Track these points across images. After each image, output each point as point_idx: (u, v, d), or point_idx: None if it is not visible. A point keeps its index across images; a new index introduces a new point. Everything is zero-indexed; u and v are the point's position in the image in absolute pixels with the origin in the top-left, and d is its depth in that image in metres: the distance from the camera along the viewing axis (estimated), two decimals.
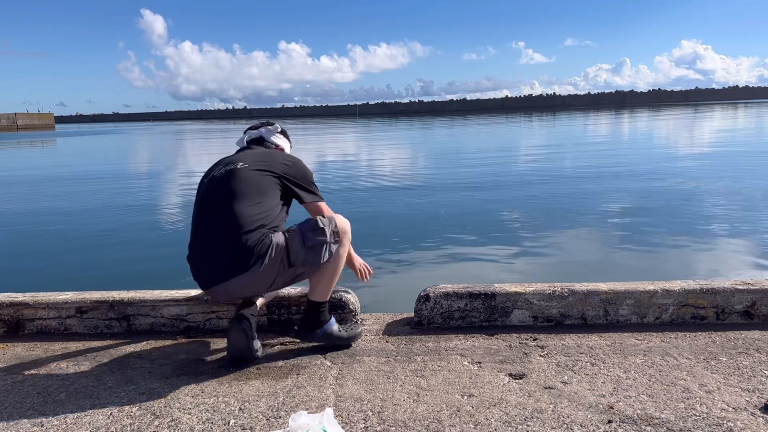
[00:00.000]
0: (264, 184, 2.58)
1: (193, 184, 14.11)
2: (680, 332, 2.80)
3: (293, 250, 2.50)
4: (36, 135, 64.47)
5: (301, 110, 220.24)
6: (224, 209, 2.49)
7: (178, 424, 2.09)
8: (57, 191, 13.53)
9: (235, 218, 2.46)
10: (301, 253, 2.52)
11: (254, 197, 2.52)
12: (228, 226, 2.46)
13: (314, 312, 2.69)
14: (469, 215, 8.76)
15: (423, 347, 2.73)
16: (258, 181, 2.57)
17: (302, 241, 2.52)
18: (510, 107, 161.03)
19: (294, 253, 2.50)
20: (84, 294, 3.11)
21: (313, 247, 2.53)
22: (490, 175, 13.55)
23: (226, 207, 2.49)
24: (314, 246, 2.53)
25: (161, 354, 2.75)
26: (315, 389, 2.33)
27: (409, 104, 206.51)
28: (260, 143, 2.88)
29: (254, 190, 2.54)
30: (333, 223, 2.62)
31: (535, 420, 2.04)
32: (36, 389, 2.40)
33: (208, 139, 43.34)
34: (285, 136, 2.99)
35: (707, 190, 10.29)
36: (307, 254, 2.53)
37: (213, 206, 2.55)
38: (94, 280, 5.90)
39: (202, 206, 2.61)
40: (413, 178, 13.74)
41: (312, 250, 2.53)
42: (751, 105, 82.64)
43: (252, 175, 2.58)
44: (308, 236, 2.54)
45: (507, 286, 3.03)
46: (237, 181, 2.55)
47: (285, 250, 2.49)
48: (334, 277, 2.69)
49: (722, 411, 2.06)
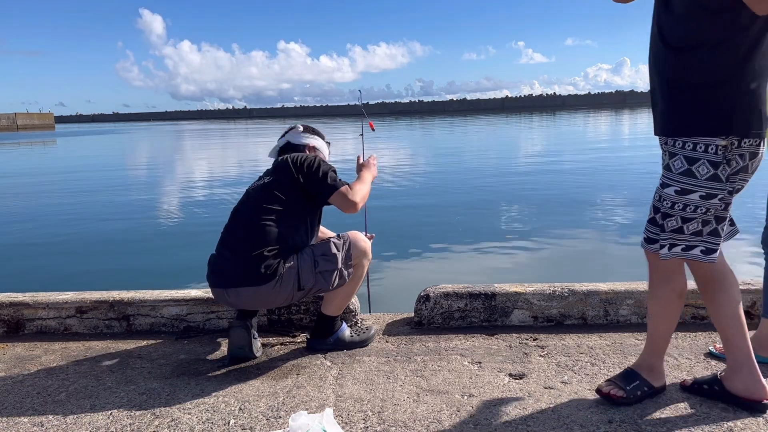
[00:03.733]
0: (288, 198, 2.57)
1: (194, 185, 14.11)
2: (680, 332, 2.80)
3: (303, 275, 2.50)
4: (36, 135, 64.47)
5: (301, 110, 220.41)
6: (250, 223, 2.53)
7: (178, 424, 2.09)
8: (57, 191, 13.53)
9: (257, 236, 2.48)
10: (311, 279, 2.52)
11: (280, 213, 2.53)
12: (250, 239, 2.49)
13: (326, 323, 2.70)
14: (470, 215, 8.76)
15: (423, 347, 2.73)
16: (283, 197, 2.57)
17: (313, 265, 2.52)
18: (510, 107, 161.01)
19: (304, 278, 2.51)
20: (84, 294, 3.11)
21: (323, 272, 2.53)
22: (490, 175, 13.56)
23: (253, 222, 2.52)
24: (324, 272, 2.53)
25: (161, 354, 2.75)
26: (315, 389, 2.33)
27: (409, 104, 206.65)
28: (289, 149, 2.84)
29: (279, 205, 2.55)
30: (347, 246, 2.60)
31: (535, 420, 2.04)
32: (36, 389, 2.40)
33: (208, 139, 43.33)
34: (313, 133, 2.92)
35: None
36: (317, 279, 2.53)
37: (242, 219, 2.59)
38: (94, 280, 5.90)
39: (234, 215, 2.67)
40: (413, 178, 13.74)
41: (322, 276, 2.53)
42: None
43: (277, 189, 2.58)
44: (319, 262, 2.53)
45: (507, 286, 3.03)
46: (265, 198, 2.57)
47: (296, 273, 2.49)
48: (349, 297, 2.72)
49: (722, 411, 2.05)
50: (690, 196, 1.93)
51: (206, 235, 2.78)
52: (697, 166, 1.90)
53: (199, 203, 11.19)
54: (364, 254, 2.65)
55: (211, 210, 10.01)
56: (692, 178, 1.91)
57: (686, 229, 1.97)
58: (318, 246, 2.59)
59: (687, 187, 1.93)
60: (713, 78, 1.88)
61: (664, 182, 1.99)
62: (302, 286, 2.51)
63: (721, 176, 1.90)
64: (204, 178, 15.81)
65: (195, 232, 8.19)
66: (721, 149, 1.88)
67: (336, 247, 2.57)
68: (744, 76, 1.87)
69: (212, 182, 14.61)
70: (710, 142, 1.88)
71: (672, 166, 1.96)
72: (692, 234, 1.98)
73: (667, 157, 1.98)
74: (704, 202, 1.92)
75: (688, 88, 1.91)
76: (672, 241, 2.00)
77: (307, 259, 2.52)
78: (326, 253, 2.55)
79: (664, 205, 1.99)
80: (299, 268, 2.49)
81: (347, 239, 2.63)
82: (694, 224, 1.96)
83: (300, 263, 2.50)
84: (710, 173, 1.89)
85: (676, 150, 1.94)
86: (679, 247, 2.00)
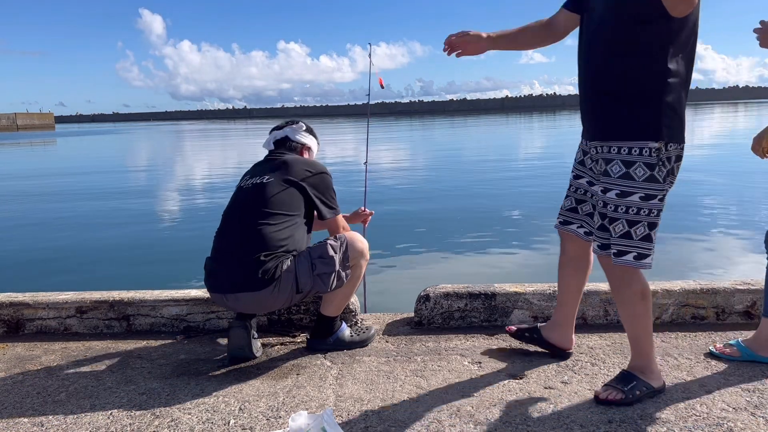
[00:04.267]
0: (288, 201, 2.56)
1: (194, 185, 14.11)
2: (680, 332, 2.80)
3: (301, 277, 2.49)
4: (36, 135, 64.46)
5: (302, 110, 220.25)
6: (246, 227, 2.50)
7: (178, 424, 2.09)
8: (57, 191, 13.53)
9: (255, 239, 2.46)
10: (309, 282, 2.51)
11: (278, 217, 2.51)
12: (246, 244, 2.47)
13: (325, 324, 2.70)
14: (470, 215, 8.75)
15: (423, 347, 2.73)
16: (282, 199, 2.55)
17: (310, 268, 2.51)
18: (510, 107, 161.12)
19: (302, 282, 2.50)
20: (84, 294, 3.11)
21: (320, 275, 2.52)
22: (490, 175, 13.55)
23: (250, 225, 2.49)
24: (322, 275, 2.52)
25: (161, 354, 2.75)
26: (315, 389, 2.33)
27: (409, 104, 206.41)
28: (285, 143, 2.81)
29: (278, 208, 2.53)
30: (344, 247, 2.58)
31: (535, 420, 2.04)
32: (36, 389, 2.40)
33: (208, 139, 43.33)
34: (311, 134, 2.91)
35: (707, 189, 10.29)
36: (315, 282, 2.52)
37: (237, 220, 2.56)
38: (94, 280, 5.90)
39: (227, 217, 2.63)
40: (413, 178, 13.74)
41: (320, 278, 2.52)
42: (751, 105, 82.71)
43: (277, 190, 2.56)
44: (316, 265, 2.51)
45: (507, 286, 3.03)
46: (263, 199, 2.54)
47: (294, 277, 2.48)
48: (348, 297, 2.71)
49: (722, 411, 2.06)
50: (631, 198, 2.01)
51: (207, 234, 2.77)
52: (634, 168, 2.00)
53: (199, 203, 11.19)
54: (361, 255, 2.64)
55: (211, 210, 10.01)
56: (631, 180, 2.01)
57: (634, 234, 2.04)
58: (315, 248, 2.57)
59: (627, 190, 2.01)
60: (646, 85, 1.99)
61: (605, 188, 2.07)
62: (300, 289, 2.50)
63: (658, 177, 2.00)
64: (204, 178, 15.82)
65: (195, 232, 8.20)
66: (654, 152, 1.98)
67: (333, 249, 2.55)
68: (671, 82, 1.98)
69: (213, 182, 14.61)
70: (644, 146, 1.98)
71: (610, 171, 2.05)
72: (641, 239, 2.04)
73: (603, 163, 2.07)
74: (644, 203, 2.00)
75: (622, 95, 2.01)
76: (621, 247, 2.06)
77: (305, 262, 2.51)
78: (323, 255, 2.53)
79: (609, 210, 2.07)
80: (297, 272, 2.48)
81: (344, 240, 2.60)
82: (640, 228, 2.03)
83: (297, 266, 2.49)
84: (647, 174, 1.99)
85: (612, 156, 2.04)
86: (631, 255, 2.05)
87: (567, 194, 2.41)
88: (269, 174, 2.62)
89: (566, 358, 2.52)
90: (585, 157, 2.28)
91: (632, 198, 2.01)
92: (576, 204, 2.36)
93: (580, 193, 2.35)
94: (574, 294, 2.51)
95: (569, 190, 2.39)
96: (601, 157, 2.09)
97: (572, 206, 2.37)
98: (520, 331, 2.64)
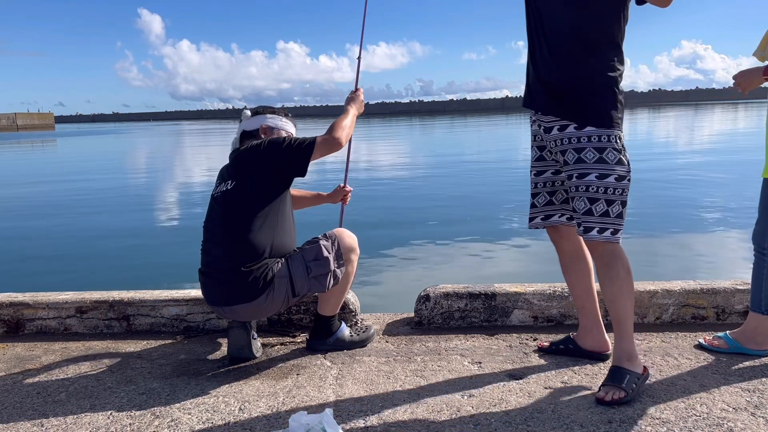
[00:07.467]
0: (258, 193, 2.48)
1: (194, 185, 14.11)
2: (680, 332, 2.80)
3: (297, 282, 2.48)
4: (36, 135, 64.47)
5: (301, 110, 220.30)
6: (226, 238, 2.46)
7: (178, 424, 2.09)
8: (57, 191, 13.53)
9: (238, 250, 2.42)
10: (305, 285, 2.50)
11: (255, 220, 2.44)
12: (232, 256, 2.42)
13: (324, 324, 2.69)
14: (470, 215, 8.75)
15: (423, 347, 2.73)
16: (251, 199, 2.47)
17: (306, 272, 2.49)
18: (510, 107, 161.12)
19: (298, 285, 2.48)
20: (84, 294, 3.11)
21: (317, 277, 2.50)
22: (490, 174, 13.55)
23: (229, 236, 2.45)
24: (318, 276, 2.51)
25: (161, 354, 2.75)
26: (315, 389, 2.33)
27: (409, 104, 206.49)
28: (246, 138, 2.72)
29: (250, 209, 2.46)
30: (336, 244, 2.57)
31: (535, 420, 2.04)
32: (36, 389, 2.40)
33: (208, 139, 43.33)
34: (261, 113, 2.75)
35: (707, 189, 10.29)
36: (312, 284, 2.51)
37: (216, 233, 2.52)
38: (94, 280, 5.90)
39: (207, 231, 2.59)
40: (413, 178, 13.74)
41: (316, 280, 2.51)
42: (751, 105, 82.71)
43: (244, 192, 2.48)
44: (311, 268, 2.49)
45: (507, 286, 3.03)
46: (234, 206, 2.47)
47: (289, 281, 2.47)
48: (343, 294, 2.70)
49: (722, 411, 2.06)
50: (607, 180, 2.16)
51: None
52: (606, 153, 2.17)
53: (199, 203, 11.19)
54: (351, 250, 2.62)
55: None
56: (605, 164, 2.16)
57: (611, 212, 2.17)
58: (308, 251, 2.53)
59: (604, 172, 2.16)
60: (613, 76, 2.19)
61: (581, 173, 2.18)
62: (297, 292, 2.49)
63: (624, 160, 2.19)
64: (204, 178, 15.81)
65: (196, 231, 8.18)
66: (619, 139, 2.20)
67: (326, 249, 2.53)
68: (622, 73, 2.22)
69: (212, 182, 14.59)
70: (611, 133, 2.18)
71: (585, 158, 2.18)
72: (616, 216, 2.19)
73: (575, 152, 2.19)
74: (618, 183, 2.17)
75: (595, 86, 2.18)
76: (602, 225, 2.19)
77: (299, 266, 2.49)
78: (318, 257, 2.51)
79: (591, 192, 2.17)
80: (292, 276, 2.46)
81: (335, 238, 2.59)
82: (616, 206, 2.18)
83: (292, 271, 2.47)
84: (617, 158, 2.17)
85: (583, 144, 2.18)
86: (608, 231, 2.19)
87: (535, 193, 2.47)
88: (231, 177, 2.55)
89: (606, 360, 2.48)
90: (543, 152, 2.39)
91: (609, 180, 2.16)
92: (550, 197, 2.44)
93: (549, 186, 2.43)
94: (588, 295, 2.53)
95: (536, 188, 2.46)
96: (571, 148, 2.20)
97: (548, 201, 2.45)
98: (554, 346, 2.61)
